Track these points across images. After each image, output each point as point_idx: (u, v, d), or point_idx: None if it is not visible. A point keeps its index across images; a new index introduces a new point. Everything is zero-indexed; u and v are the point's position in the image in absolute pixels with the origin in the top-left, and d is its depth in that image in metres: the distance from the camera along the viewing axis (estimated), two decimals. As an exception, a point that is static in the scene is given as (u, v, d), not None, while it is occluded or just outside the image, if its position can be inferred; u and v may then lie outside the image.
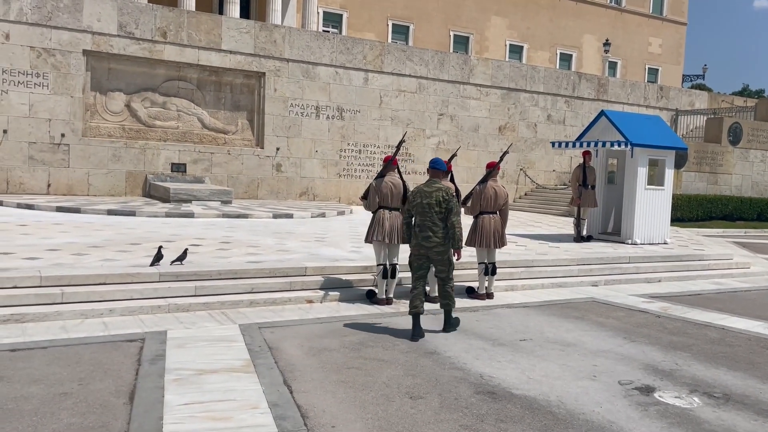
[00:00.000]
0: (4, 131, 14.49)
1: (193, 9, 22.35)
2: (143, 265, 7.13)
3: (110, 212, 12.45)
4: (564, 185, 21.35)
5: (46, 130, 14.94)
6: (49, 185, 15.01)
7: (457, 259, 6.32)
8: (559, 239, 12.42)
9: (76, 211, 12.43)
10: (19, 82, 14.59)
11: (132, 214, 12.44)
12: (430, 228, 6.09)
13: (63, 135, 15.08)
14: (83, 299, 6.21)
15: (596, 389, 4.78)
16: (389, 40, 30.06)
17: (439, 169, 6.32)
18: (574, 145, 12.92)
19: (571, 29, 35.83)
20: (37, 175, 14.90)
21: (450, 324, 6.32)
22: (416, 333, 5.96)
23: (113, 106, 15.96)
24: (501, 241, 7.91)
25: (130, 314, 6.17)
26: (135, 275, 6.72)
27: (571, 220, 13.31)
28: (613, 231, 12.91)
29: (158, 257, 7.12)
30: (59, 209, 12.50)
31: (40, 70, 14.78)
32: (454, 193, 6.43)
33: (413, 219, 6.28)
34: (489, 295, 7.96)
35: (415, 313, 6.02)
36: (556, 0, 35.21)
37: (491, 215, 7.84)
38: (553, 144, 13.59)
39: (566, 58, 36.02)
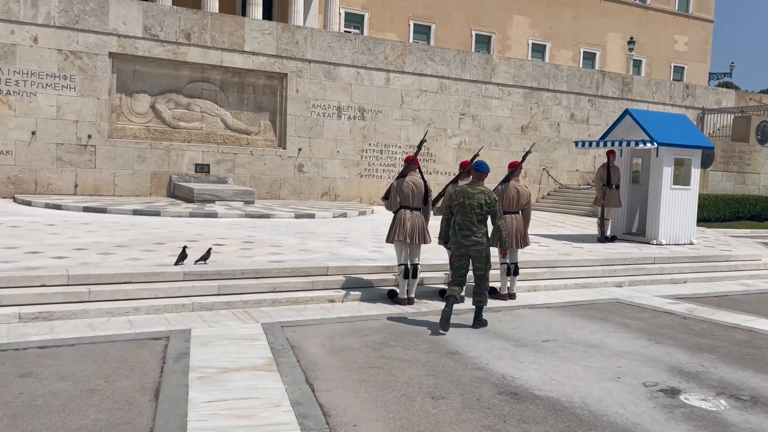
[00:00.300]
0: (33, 133, 14.78)
1: (217, 11, 22.58)
2: (168, 264, 7.22)
3: (135, 212, 12.64)
4: (588, 185, 21.14)
5: (74, 132, 15.21)
6: (76, 186, 15.28)
7: (503, 257, 6.87)
8: (583, 239, 12.30)
9: (103, 211, 12.64)
10: (47, 84, 14.88)
11: (157, 214, 12.61)
12: (469, 227, 6.34)
13: (90, 136, 15.34)
14: (109, 298, 6.31)
15: (620, 391, 4.73)
16: (411, 40, 30.05)
17: (482, 171, 6.51)
18: (597, 145, 12.78)
19: (594, 27, 35.46)
20: (64, 175, 15.18)
21: (480, 321, 6.46)
22: (445, 319, 6.06)
23: (138, 107, 16.19)
24: (524, 241, 7.87)
25: (155, 312, 6.26)
26: (160, 274, 6.81)
27: (595, 220, 13.17)
28: (638, 231, 12.75)
29: (182, 256, 7.21)
30: (86, 209, 12.71)
31: (67, 73, 15.06)
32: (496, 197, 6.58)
33: (453, 218, 6.48)
34: (511, 296, 7.92)
35: (450, 295, 6.23)
36: (579, -2, 34.89)
37: (513, 215, 7.81)
38: (576, 143, 13.47)
39: (590, 57, 35.66)
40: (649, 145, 11.54)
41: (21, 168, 14.73)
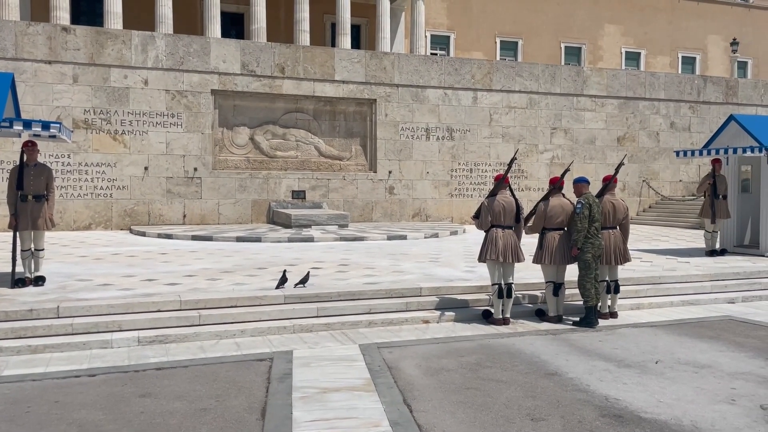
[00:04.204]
0: (145, 168, 15.96)
1: (308, 44, 23.53)
2: (270, 288, 7.56)
3: (239, 239, 13.30)
4: (692, 196, 20.04)
5: (181, 166, 16.29)
6: (184, 216, 16.31)
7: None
8: (689, 253, 11.67)
9: (209, 239, 13.40)
10: (156, 122, 16.06)
11: (258, 240, 13.22)
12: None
13: (195, 169, 16.37)
14: (218, 321, 6.70)
15: (735, 414, 4.46)
16: (498, 57, 29.91)
17: (587, 182, 7.40)
18: (701, 153, 12.14)
19: (693, 30, 33.78)
20: (174, 207, 16.24)
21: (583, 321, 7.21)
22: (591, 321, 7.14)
23: (239, 139, 17.12)
24: (623, 257, 7.60)
25: (259, 335, 6.56)
26: (263, 298, 7.15)
27: (702, 233, 12.47)
28: (751, 243, 11.93)
29: (283, 280, 7.53)
30: (194, 238, 13.54)
31: (174, 111, 16.20)
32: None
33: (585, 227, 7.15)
34: (612, 315, 7.65)
35: (590, 306, 7.15)
36: (674, 1, 33.41)
37: (611, 230, 7.56)
38: (677, 153, 12.85)
39: (689, 62, 33.96)
40: (758, 151, 10.83)
41: (136, 201, 15.92)
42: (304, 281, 7.62)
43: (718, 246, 11.65)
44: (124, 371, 5.38)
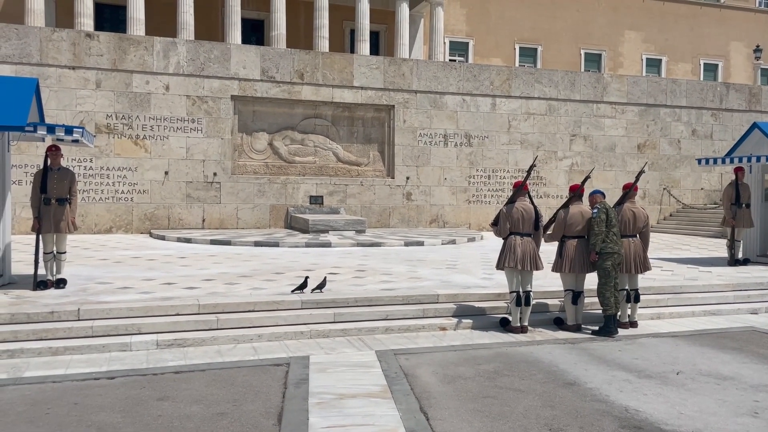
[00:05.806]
0: (166, 173, 16.13)
1: (327, 50, 23.66)
2: (287, 293, 7.58)
3: (257, 244, 13.37)
4: (714, 204, 19.77)
5: (201, 170, 16.44)
6: (203, 220, 16.44)
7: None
8: (711, 263, 11.50)
9: (227, 243, 13.49)
10: (177, 128, 16.23)
11: (276, 245, 13.27)
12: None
13: (215, 174, 16.51)
14: (235, 325, 6.72)
15: (758, 427, 4.37)
16: (517, 63, 29.80)
17: (598, 194, 7.37)
18: (723, 161, 11.97)
19: (715, 37, 33.38)
20: (193, 211, 16.38)
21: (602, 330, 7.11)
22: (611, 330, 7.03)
23: (257, 145, 17.24)
24: (644, 266, 7.51)
25: (276, 340, 6.58)
26: (280, 302, 7.17)
27: (724, 242, 12.28)
28: (775, 253, 11.73)
29: (303, 285, 7.54)
30: (213, 242, 13.63)
31: (194, 116, 16.36)
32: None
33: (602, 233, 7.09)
34: (632, 324, 7.55)
35: (610, 315, 7.04)
36: (696, 8, 33.06)
37: (631, 239, 7.48)
38: (699, 161, 12.69)
39: (711, 69, 33.55)
40: (783, 159, 10.66)
41: (156, 205, 16.08)
42: (321, 286, 7.63)
43: (740, 255, 11.47)
44: (143, 374, 5.41)
